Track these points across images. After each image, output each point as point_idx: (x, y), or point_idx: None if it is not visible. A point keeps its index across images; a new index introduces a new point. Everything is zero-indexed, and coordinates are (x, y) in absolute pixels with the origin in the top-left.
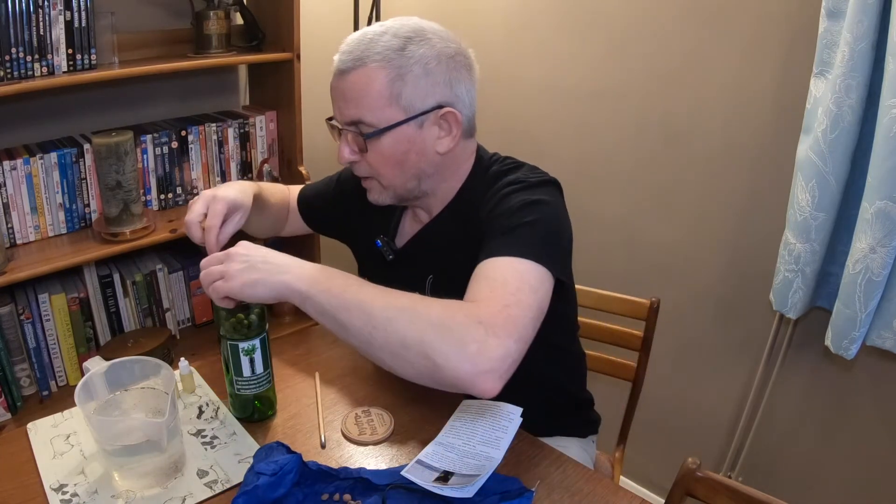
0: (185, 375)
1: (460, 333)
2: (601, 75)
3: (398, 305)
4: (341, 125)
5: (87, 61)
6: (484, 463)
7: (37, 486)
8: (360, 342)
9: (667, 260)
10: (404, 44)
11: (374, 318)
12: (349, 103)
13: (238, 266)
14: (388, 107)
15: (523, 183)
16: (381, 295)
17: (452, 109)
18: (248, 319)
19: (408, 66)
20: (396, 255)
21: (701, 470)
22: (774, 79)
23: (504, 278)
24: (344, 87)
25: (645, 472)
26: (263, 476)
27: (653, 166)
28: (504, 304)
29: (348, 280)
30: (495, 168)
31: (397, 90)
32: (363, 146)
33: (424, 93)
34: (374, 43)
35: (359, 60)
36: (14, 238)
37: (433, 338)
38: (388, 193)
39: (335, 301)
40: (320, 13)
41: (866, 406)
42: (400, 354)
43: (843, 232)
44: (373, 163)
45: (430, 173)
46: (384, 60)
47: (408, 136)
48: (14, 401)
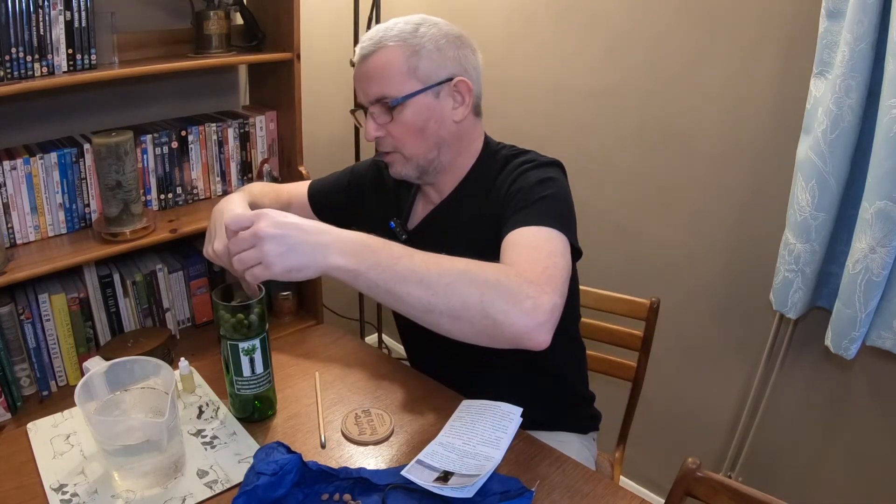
0: (185, 375)
1: (515, 291)
2: (601, 75)
3: (455, 270)
4: (366, 105)
5: (87, 61)
6: (484, 463)
7: (37, 486)
8: (417, 310)
9: (667, 260)
10: (416, 27)
11: (432, 285)
12: (372, 81)
13: (276, 250)
14: (408, 80)
15: (535, 162)
16: (434, 261)
17: (464, 78)
18: (248, 319)
19: (421, 43)
20: (409, 236)
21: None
22: (774, 79)
23: (536, 244)
24: (367, 68)
25: (645, 472)
26: (264, 476)
27: (653, 166)
28: (543, 266)
29: (393, 249)
30: (504, 152)
31: (414, 64)
32: (389, 117)
33: (438, 66)
34: (390, 29)
35: (378, 44)
36: (14, 238)
37: (492, 297)
38: (410, 165)
39: (387, 274)
40: (320, 13)
41: (866, 406)
42: (461, 317)
43: (843, 232)
44: (397, 134)
45: (449, 142)
46: (400, 40)
47: (427, 105)
48: (14, 401)
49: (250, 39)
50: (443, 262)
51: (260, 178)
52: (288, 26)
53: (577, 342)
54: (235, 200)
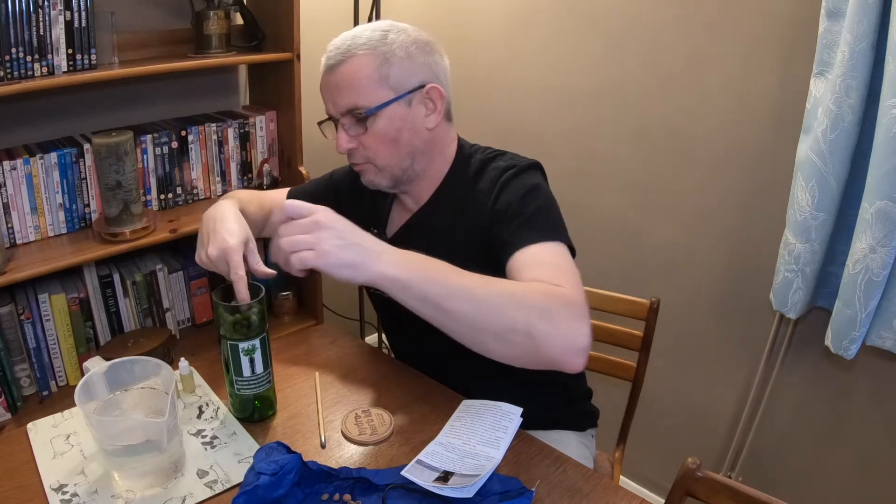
0: (185, 375)
1: (560, 318)
2: (601, 75)
3: (503, 291)
4: (337, 116)
5: (87, 61)
6: (484, 463)
7: (37, 486)
8: (464, 327)
9: (667, 259)
10: (384, 34)
11: (482, 304)
12: (343, 92)
13: (334, 241)
14: (379, 88)
15: (515, 167)
16: (481, 281)
17: (436, 85)
18: (249, 319)
19: (391, 51)
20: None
21: (701, 470)
22: (774, 79)
23: (557, 261)
24: (336, 79)
25: (645, 472)
26: (264, 476)
27: (653, 166)
28: (576, 284)
29: (442, 266)
30: (479, 157)
31: (385, 72)
32: (362, 128)
33: (409, 73)
34: (357, 37)
35: (346, 53)
36: (14, 238)
37: (536, 321)
38: (384, 175)
39: (439, 288)
40: (320, 13)
41: (866, 406)
42: (506, 338)
43: (843, 232)
44: (369, 145)
45: (422, 150)
46: (369, 48)
47: (399, 115)
48: (14, 401)
49: (250, 39)
50: (493, 282)
51: (260, 178)
52: (288, 26)
53: None
54: (227, 207)
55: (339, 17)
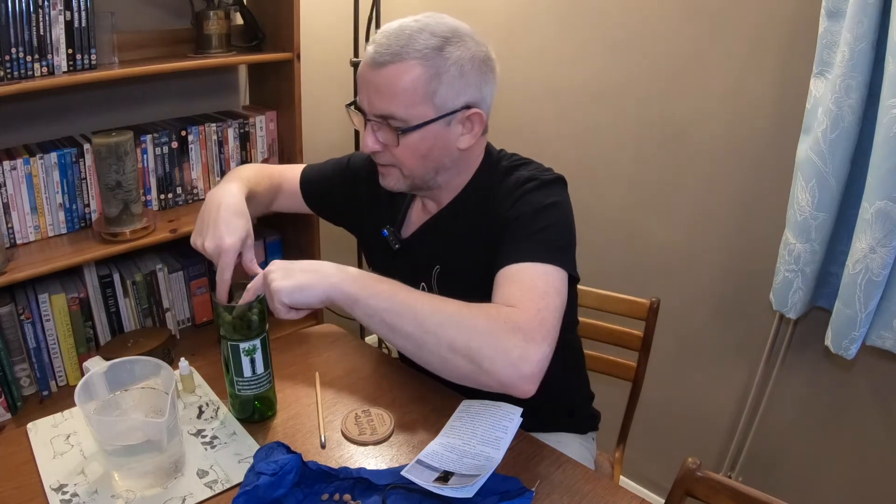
0: (185, 375)
1: (503, 341)
2: (602, 76)
3: (447, 311)
4: (369, 115)
5: (87, 61)
6: (484, 463)
7: (37, 486)
8: (409, 345)
9: (667, 260)
10: (442, 44)
11: (424, 322)
12: (382, 97)
13: (279, 276)
14: (422, 104)
15: (537, 181)
16: (429, 300)
17: (479, 111)
18: (249, 319)
19: (445, 67)
20: (402, 245)
21: (701, 470)
22: (774, 79)
23: (533, 283)
24: (379, 80)
25: (645, 472)
26: (264, 476)
27: (653, 166)
28: (537, 309)
29: (394, 285)
30: (505, 163)
31: (433, 88)
32: (392, 138)
33: (456, 93)
34: (413, 39)
35: (397, 55)
36: (14, 238)
37: (480, 344)
38: (405, 182)
39: (386, 304)
40: (320, 13)
41: (866, 406)
42: (448, 358)
43: (843, 232)
44: (397, 153)
45: (448, 167)
46: (423, 58)
47: (435, 133)
48: (14, 401)
49: (250, 39)
50: (436, 301)
51: None
52: (288, 26)
53: (573, 347)
54: (232, 193)
55: (339, 17)
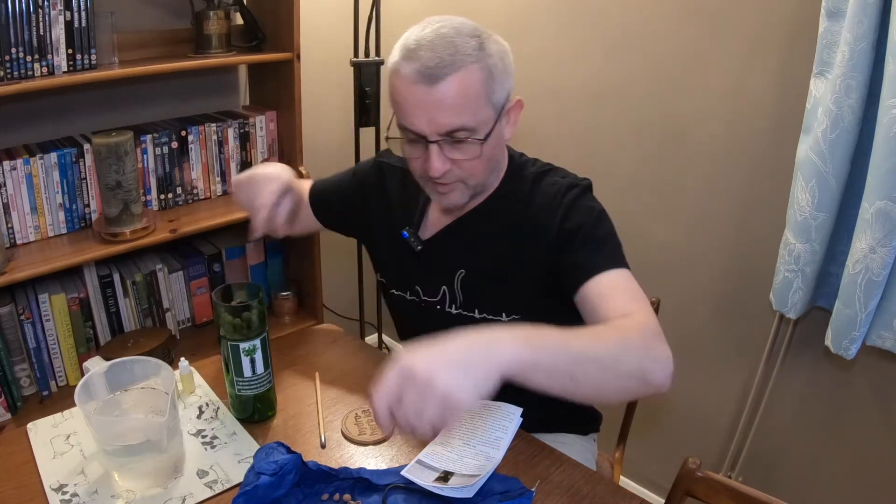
0: (185, 375)
1: (657, 350)
2: (602, 76)
3: (614, 340)
4: (432, 137)
5: (87, 61)
6: (484, 463)
7: (37, 486)
8: (590, 389)
9: (667, 260)
10: (481, 42)
11: (604, 361)
12: (449, 111)
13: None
14: (485, 107)
15: (578, 187)
16: (592, 336)
17: (520, 98)
18: (249, 320)
19: (494, 64)
20: (424, 246)
21: (701, 470)
22: (774, 79)
23: (631, 288)
24: (440, 95)
25: (645, 472)
26: (264, 476)
27: (653, 166)
28: (650, 311)
29: (551, 332)
30: (532, 169)
31: (490, 89)
32: (474, 153)
33: (503, 87)
34: (457, 44)
35: (452, 65)
36: (14, 238)
37: (647, 362)
38: (468, 193)
39: (564, 357)
40: (320, 13)
41: (866, 406)
42: (623, 386)
43: (843, 232)
44: (467, 167)
45: (500, 164)
46: (477, 60)
47: (497, 133)
48: (14, 401)
49: (250, 39)
50: (600, 335)
51: None
52: (288, 26)
53: None
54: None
55: (339, 17)
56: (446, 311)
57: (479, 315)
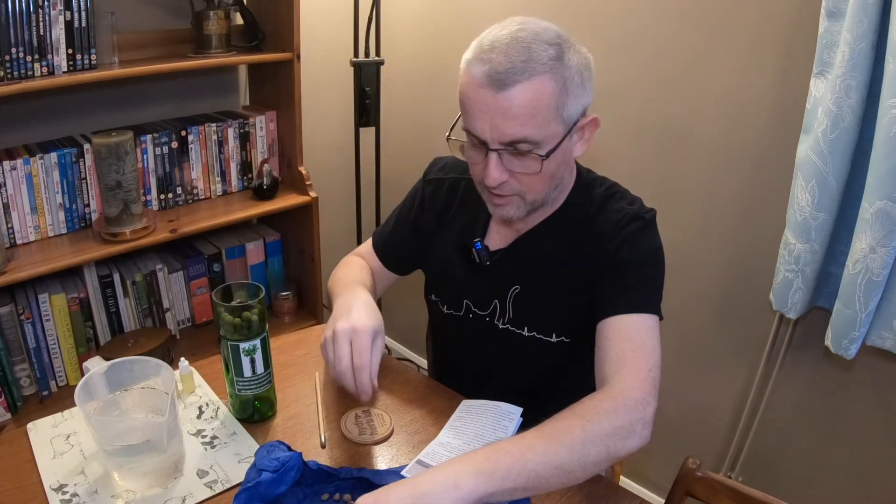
0: (185, 375)
1: (630, 428)
2: (602, 77)
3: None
4: (493, 144)
5: (87, 61)
6: None
7: (37, 486)
8: (558, 486)
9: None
10: (560, 52)
11: (566, 466)
12: (514, 121)
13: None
14: (554, 121)
15: (642, 220)
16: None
17: (597, 116)
18: (249, 320)
19: (570, 77)
20: (491, 261)
21: (701, 470)
22: (774, 79)
23: (643, 340)
24: (507, 103)
25: (645, 472)
26: (266, 472)
27: (653, 166)
28: (648, 369)
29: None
30: (601, 191)
31: (562, 102)
32: (535, 167)
33: (578, 102)
34: (534, 50)
35: (525, 72)
36: (14, 238)
37: (617, 446)
38: (525, 208)
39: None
40: (320, 13)
41: (866, 406)
42: (595, 472)
43: (843, 232)
44: (526, 182)
45: (565, 181)
46: (552, 71)
47: (563, 150)
48: (14, 401)
49: (250, 39)
50: (561, 434)
51: (260, 178)
52: (288, 26)
53: None
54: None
55: (339, 17)
56: (494, 323)
57: (527, 333)
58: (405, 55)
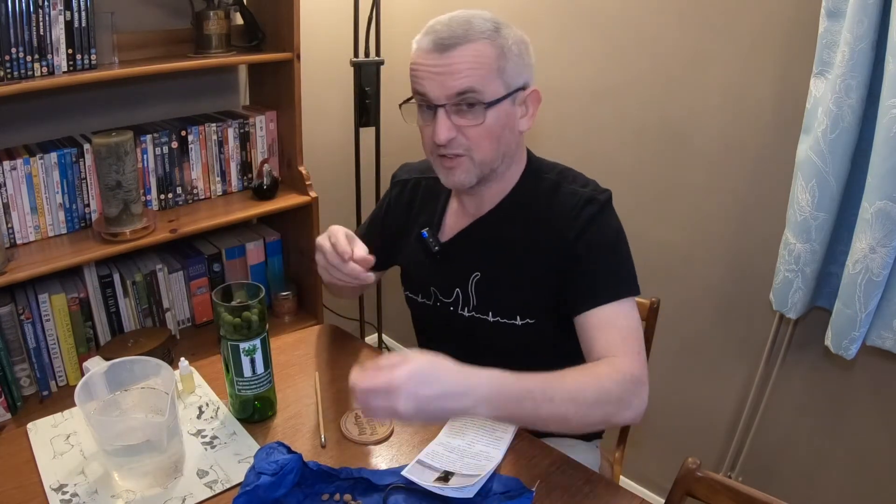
0: (185, 375)
1: (630, 401)
2: (602, 77)
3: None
4: (443, 101)
5: (87, 61)
6: (484, 463)
7: (37, 486)
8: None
9: (667, 260)
10: (496, 26)
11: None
12: (458, 75)
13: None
14: (495, 80)
15: (597, 202)
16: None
17: (537, 88)
18: (249, 320)
19: (507, 45)
20: (442, 248)
21: (701, 470)
22: (774, 79)
23: (628, 325)
24: (451, 60)
25: (645, 472)
26: (264, 476)
27: (653, 166)
28: (638, 352)
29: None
30: (552, 176)
31: (502, 65)
32: (471, 118)
33: (518, 71)
34: (473, 24)
35: (464, 37)
36: (14, 238)
37: (614, 412)
38: (474, 172)
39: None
40: (320, 13)
41: (866, 406)
42: (589, 425)
43: (843, 232)
44: (473, 136)
45: (510, 153)
46: (489, 39)
47: (506, 111)
48: (14, 401)
49: (250, 39)
50: (577, 394)
51: (260, 178)
52: (288, 26)
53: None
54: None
55: (339, 17)
56: (459, 313)
57: (492, 318)
58: (405, 55)
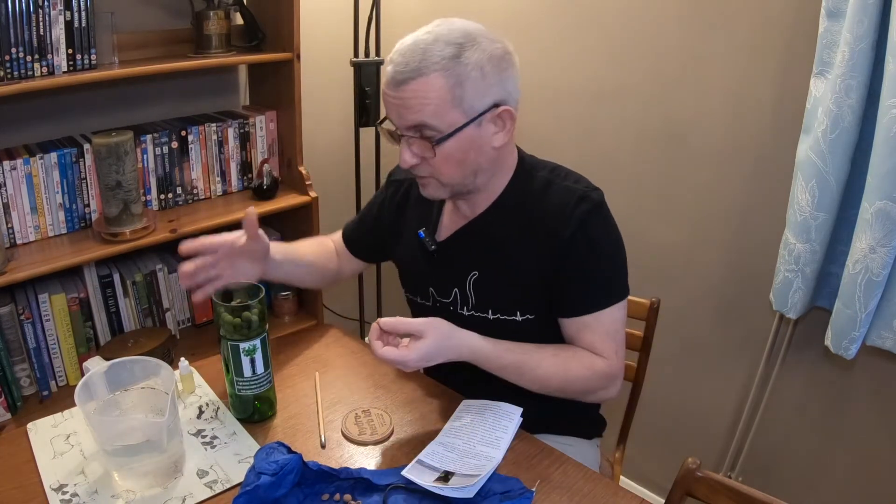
0: (185, 375)
1: (603, 392)
2: (602, 77)
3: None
4: (402, 131)
5: (87, 61)
6: (484, 463)
7: (37, 486)
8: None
9: (667, 260)
10: (458, 51)
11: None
12: (410, 109)
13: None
14: (451, 111)
15: (589, 201)
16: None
17: (508, 107)
18: (249, 320)
19: (465, 73)
20: (438, 248)
21: (701, 470)
22: (774, 79)
23: (615, 329)
24: (404, 96)
25: (645, 472)
26: (264, 476)
27: (653, 167)
28: (615, 351)
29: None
30: (543, 174)
31: (458, 95)
32: (428, 149)
33: (482, 94)
34: (429, 53)
35: (416, 71)
36: (14, 238)
37: (583, 394)
38: (445, 189)
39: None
40: (320, 13)
41: (866, 406)
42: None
43: (843, 232)
44: (434, 164)
45: (485, 168)
46: (443, 70)
47: (469, 137)
48: (14, 401)
49: (250, 39)
50: (545, 381)
51: (260, 178)
52: (288, 26)
53: None
54: None
55: (340, 17)
56: (459, 312)
57: (492, 316)
58: None
